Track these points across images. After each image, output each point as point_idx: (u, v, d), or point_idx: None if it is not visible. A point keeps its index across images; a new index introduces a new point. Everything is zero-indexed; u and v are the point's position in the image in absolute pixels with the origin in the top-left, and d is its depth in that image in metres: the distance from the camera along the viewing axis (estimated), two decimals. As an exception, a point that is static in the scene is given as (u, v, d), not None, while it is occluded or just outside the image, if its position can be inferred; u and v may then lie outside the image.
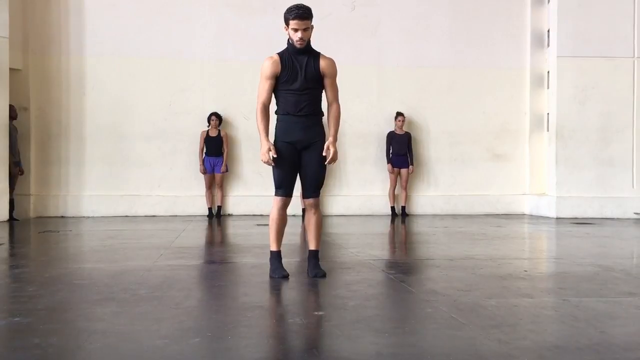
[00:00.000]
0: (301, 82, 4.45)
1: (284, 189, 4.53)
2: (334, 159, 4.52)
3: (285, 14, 4.48)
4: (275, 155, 4.41)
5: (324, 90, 4.61)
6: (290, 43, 4.52)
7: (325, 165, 4.56)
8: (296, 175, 4.59)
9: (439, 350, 2.85)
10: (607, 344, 2.93)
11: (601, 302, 3.78)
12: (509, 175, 11.04)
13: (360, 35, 10.73)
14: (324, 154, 4.49)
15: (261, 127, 4.46)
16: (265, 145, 4.42)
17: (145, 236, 7.50)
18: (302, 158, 4.54)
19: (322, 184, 4.64)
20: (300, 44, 4.44)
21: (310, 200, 4.60)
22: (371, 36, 10.78)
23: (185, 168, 10.48)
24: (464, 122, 10.92)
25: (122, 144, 10.37)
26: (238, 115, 10.50)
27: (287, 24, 4.48)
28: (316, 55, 4.56)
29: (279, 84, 4.49)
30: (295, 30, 4.41)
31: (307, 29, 4.45)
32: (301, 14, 4.39)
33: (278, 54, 4.53)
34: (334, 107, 4.62)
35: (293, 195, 4.63)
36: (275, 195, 4.57)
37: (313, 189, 4.57)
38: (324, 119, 4.63)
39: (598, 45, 10.27)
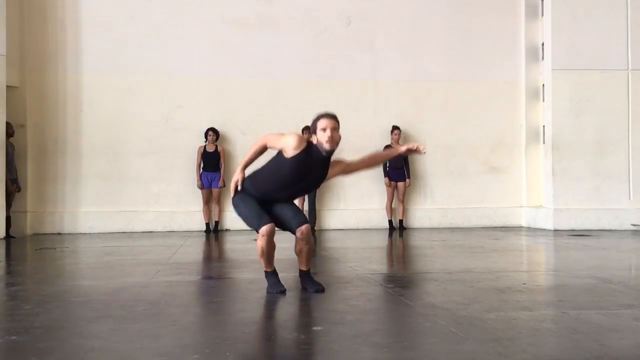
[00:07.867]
0: (304, 181, 4.38)
1: (262, 218, 4.35)
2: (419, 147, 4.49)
3: (312, 121, 4.37)
4: (240, 188, 4.44)
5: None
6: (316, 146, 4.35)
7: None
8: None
9: (438, 365, 2.85)
10: (606, 356, 2.92)
11: (600, 315, 3.77)
12: (506, 188, 11.05)
13: (355, 50, 10.78)
14: (414, 148, 4.49)
15: (248, 156, 4.44)
16: (238, 175, 4.45)
17: (143, 252, 7.48)
18: (273, 209, 4.45)
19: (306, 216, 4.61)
20: (329, 142, 4.22)
21: (302, 228, 4.38)
22: (367, 51, 10.82)
23: (183, 183, 10.47)
24: (460, 135, 10.95)
25: (119, 160, 10.37)
26: (235, 130, 10.52)
27: (314, 130, 4.32)
28: (329, 161, 4.43)
29: (280, 165, 4.33)
30: (324, 129, 4.24)
31: (336, 130, 4.29)
32: (330, 114, 4.34)
33: (308, 142, 4.32)
34: (366, 160, 4.70)
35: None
36: (258, 229, 4.33)
37: (300, 218, 4.44)
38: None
39: (592, 58, 10.34)
